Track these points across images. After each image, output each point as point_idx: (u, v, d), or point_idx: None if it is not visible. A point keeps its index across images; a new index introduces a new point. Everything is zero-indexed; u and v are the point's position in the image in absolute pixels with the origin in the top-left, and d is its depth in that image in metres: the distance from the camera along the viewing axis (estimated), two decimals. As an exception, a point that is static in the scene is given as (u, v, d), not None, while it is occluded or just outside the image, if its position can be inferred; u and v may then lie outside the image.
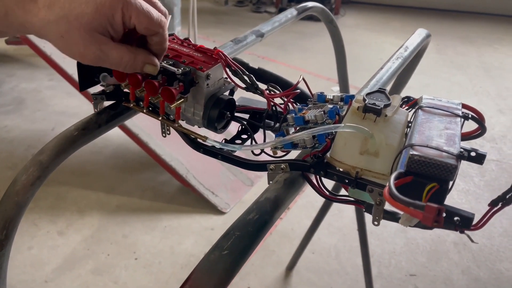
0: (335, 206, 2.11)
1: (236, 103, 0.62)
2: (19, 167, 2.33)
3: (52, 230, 1.98)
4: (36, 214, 2.04)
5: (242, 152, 0.56)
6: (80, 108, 2.93)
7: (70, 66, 2.24)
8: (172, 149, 2.19)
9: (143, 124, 2.17)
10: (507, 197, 0.42)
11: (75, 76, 2.20)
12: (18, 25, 0.46)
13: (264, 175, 2.24)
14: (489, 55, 4.46)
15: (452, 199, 2.30)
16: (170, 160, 2.14)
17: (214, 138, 0.56)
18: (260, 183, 2.33)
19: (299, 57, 4.19)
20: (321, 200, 1.67)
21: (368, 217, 1.87)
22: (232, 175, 2.29)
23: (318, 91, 0.58)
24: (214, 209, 2.13)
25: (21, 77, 3.41)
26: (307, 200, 2.25)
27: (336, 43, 1.24)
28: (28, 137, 2.62)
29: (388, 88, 1.25)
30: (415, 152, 0.40)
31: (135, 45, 0.50)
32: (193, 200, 2.19)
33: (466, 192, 2.40)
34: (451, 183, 0.41)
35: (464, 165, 2.62)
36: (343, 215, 2.16)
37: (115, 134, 2.42)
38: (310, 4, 1.08)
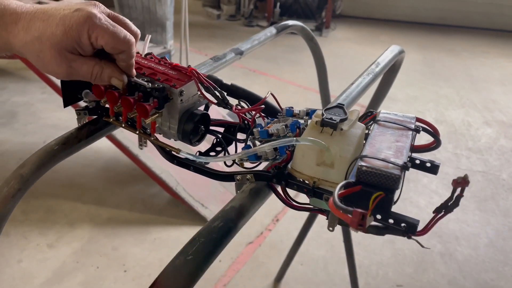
0: (323, 217, 2.14)
1: (218, 118, 0.65)
2: (9, 181, 2.36)
3: (42, 243, 1.99)
4: (26, 227, 2.06)
5: (216, 164, 0.59)
6: (71, 121, 2.93)
7: (62, 80, 2.27)
8: (162, 162, 2.21)
9: (134, 137, 2.20)
10: (449, 204, 0.45)
11: (66, 91, 2.24)
12: (1, 44, 0.50)
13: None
14: (475, 68, 4.55)
15: (439, 210, 2.33)
16: (160, 172, 2.17)
17: (188, 150, 0.60)
18: (249, 195, 2.36)
19: (289, 70, 4.26)
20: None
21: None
22: (221, 187, 2.32)
23: (290, 106, 0.62)
24: (203, 221, 2.15)
25: (13, 90, 3.44)
26: (296, 212, 2.26)
27: (317, 60, 1.29)
28: (20, 150, 2.64)
29: (366, 101, 1.30)
30: (363, 163, 0.44)
31: (106, 60, 0.54)
32: (183, 212, 2.21)
33: (453, 202, 2.44)
34: (397, 192, 0.45)
35: (452, 177, 2.66)
36: (331, 226, 2.19)
37: (106, 147, 2.45)
38: (290, 22, 1.12)
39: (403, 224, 0.44)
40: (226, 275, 1.88)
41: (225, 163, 0.59)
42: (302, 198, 0.53)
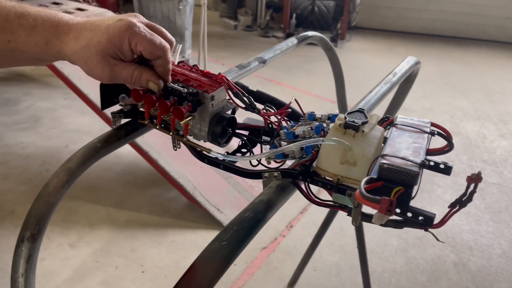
0: (337, 224, 2.17)
1: (240, 122, 0.70)
2: (33, 182, 2.44)
3: (64, 242, 2.06)
4: (48, 227, 2.10)
5: (242, 164, 0.64)
6: (92, 126, 3.05)
7: (86, 86, 2.36)
8: (180, 166, 2.28)
9: (153, 142, 2.27)
10: (463, 199, 0.49)
11: (90, 96, 2.33)
12: (55, 52, 0.56)
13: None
14: (491, 81, 4.55)
15: (453, 221, 2.34)
16: (178, 177, 2.23)
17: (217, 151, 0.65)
18: (264, 201, 2.40)
19: (304, 80, 4.31)
20: (323, 218, 1.74)
21: (368, 236, 1.93)
22: (237, 193, 2.37)
23: (311, 110, 0.67)
24: (219, 225, 2.19)
25: (37, 96, 3.55)
26: (310, 219, 2.31)
27: (335, 69, 1.33)
28: (43, 154, 2.73)
29: (383, 110, 1.34)
30: (384, 161, 0.48)
31: (145, 66, 0.60)
32: (199, 216, 2.26)
33: (467, 214, 2.45)
34: (415, 188, 0.49)
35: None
36: (344, 233, 2.21)
37: (125, 151, 2.52)
38: (310, 33, 1.18)
39: (420, 217, 0.48)
40: (240, 278, 1.92)
41: (250, 162, 0.64)
42: (313, 209, 0.58)
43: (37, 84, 3.77)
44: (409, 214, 0.49)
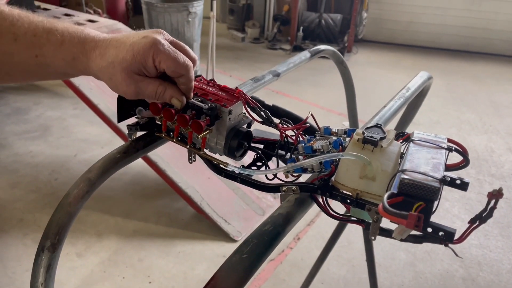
0: (345, 237, 2.17)
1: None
2: (42, 191, 2.46)
3: (71, 251, 2.06)
4: (56, 236, 2.13)
5: (257, 177, 0.65)
6: (101, 136, 3.07)
7: (96, 96, 2.39)
8: (188, 177, 2.29)
9: (162, 152, 2.28)
10: (483, 215, 0.50)
11: (100, 106, 2.35)
12: (82, 68, 0.57)
13: (274, 205, 2.31)
14: (499, 95, 4.54)
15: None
16: (186, 187, 2.24)
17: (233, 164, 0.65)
18: (271, 212, 2.40)
19: (312, 92, 4.33)
20: (331, 231, 1.73)
21: (376, 249, 1.92)
22: (244, 204, 2.37)
23: (326, 125, 0.68)
24: (226, 237, 2.19)
25: (47, 105, 3.59)
26: (317, 231, 2.30)
27: (346, 82, 1.34)
28: (52, 163, 2.76)
29: (394, 124, 1.35)
30: (405, 176, 0.49)
31: (169, 82, 0.61)
32: (206, 227, 2.26)
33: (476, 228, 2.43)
34: (436, 203, 0.49)
35: (474, 202, 2.65)
36: (352, 246, 2.20)
37: (134, 161, 2.53)
38: (322, 47, 1.19)
39: (441, 233, 0.48)
40: (248, 291, 1.91)
41: (266, 176, 0.65)
42: (320, 221, 0.58)
43: (47, 93, 3.82)
44: (429, 230, 0.49)
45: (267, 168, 0.69)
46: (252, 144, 0.71)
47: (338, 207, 0.58)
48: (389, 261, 2.13)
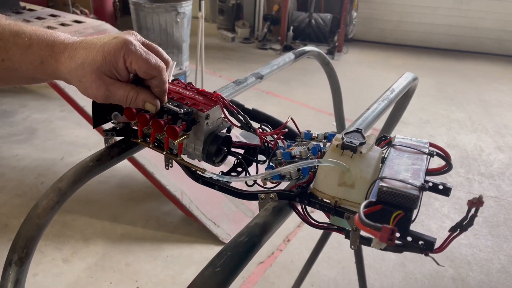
0: (335, 239, 2.15)
1: (235, 139, 0.69)
2: (28, 195, 2.41)
3: (57, 257, 2.03)
4: (42, 241, 2.09)
5: (238, 183, 0.63)
6: (89, 139, 3.03)
7: (82, 98, 2.35)
8: (177, 180, 2.26)
9: (150, 155, 2.25)
10: (464, 224, 0.48)
11: (86, 108, 2.31)
12: (50, 72, 0.55)
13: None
14: (488, 94, 4.56)
15: (451, 234, 2.32)
16: (175, 190, 2.21)
17: (212, 170, 0.63)
18: (261, 215, 2.38)
19: (302, 92, 4.32)
20: (321, 232, 1.72)
21: (366, 251, 1.90)
22: (234, 207, 2.35)
23: (307, 129, 0.66)
24: (215, 240, 2.17)
25: (33, 107, 3.54)
26: (307, 233, 2.29)
27: (332, 84, 1.33)
28: (38, 166, 2.71)
29: (380, 125, 1.33)
30: (384, 184, 0.47)
31: (141, 86, 0.58)
32: (195, 230, 2.23)
33: (465, 227, 2.43)
34: (415, 211, 0.48)
35: (464, 201, 2.65)
36: (342, 248, 2.19)
37: (121, 164, 2.49)
38: (307, 48, 1.17)
39: (421, 242, 0.46)
40: (237, 294, 1.89)
41: (246, 183, 0.62)
42: (317, 217, 0.57)
43: (33, 95, 3.76)
44: (409, 239, 0.47)
45: (247, 174, 0.67)
46: (232, 149, 0.69)
47: (322, 215, 0.56)
48: (379, 262, 2.12)
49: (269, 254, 2.14)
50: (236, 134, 2.59)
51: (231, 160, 0.70)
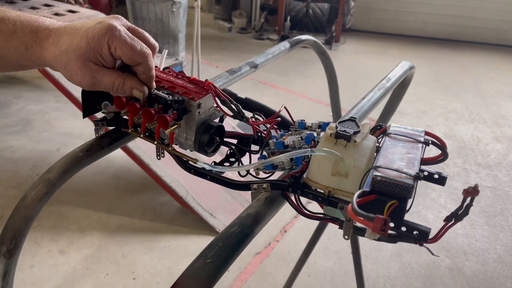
0: (332, 229, 2.15)
1: (230, 130, 0.68)
2: (23, 187, 2.40)
3: (54, 248, 2.02)
4: (38, 232, 2.09)
5: (231, 173, 0.62)
6: (84, 130, 3.01)
7: (77, 89, 2.33)
8: (173, 171, 2.25)
9: (146, 146, 2.24)
10: (459, 213, 0.47)
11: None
12: (35, 58, 0.53)
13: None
14: (485, 83, 4.55)
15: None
16: (171, 181, 2.20)
17: (205, 160, 0.62)
18: (258, 205, 2.38)
19: (299, 83, 4.30)
20: (318, 223, 1.71)
21: (362, 241, 1.90)
22: (230, 198, 2.34)
23: (299, 117, 0.64)
24: (212, 231, 2.17)
25: (28, 98, 3.51)
26: (304, 223, 2.29)
27: (328, 73, 1.31)
28: (34, 157, 2.69)
29: (377, 115, 1.32)
30: (378, 173, 0.46)
31: (128, 73, 0.57)
32: (192, 221, 2.23)
33: (462, 217, 2.43)
34: (410, 201, 0.47)
35: (461, 191, 2.65)
36: (339, 238, 2.19)
37: (117, 155, 2.49)
38: (303, 37, 1.15)
39: (415, 232, 0.45)
40: (233, 285, 1.89)
41: (239, 173, 0.61)
42: (313, 208, 0.56)
43: (28, 86, 3.73)
44: (404, 229, 0.46)
45: (241, 165, 0.66)
46: (225, 139, 0.68)
47: (318, 205, 0.56)
48: (375, 252, 2.12)
49: (266, 245, 2.14)
50: (233, 125, 2.58)
51: (224, 150, 0.69)
